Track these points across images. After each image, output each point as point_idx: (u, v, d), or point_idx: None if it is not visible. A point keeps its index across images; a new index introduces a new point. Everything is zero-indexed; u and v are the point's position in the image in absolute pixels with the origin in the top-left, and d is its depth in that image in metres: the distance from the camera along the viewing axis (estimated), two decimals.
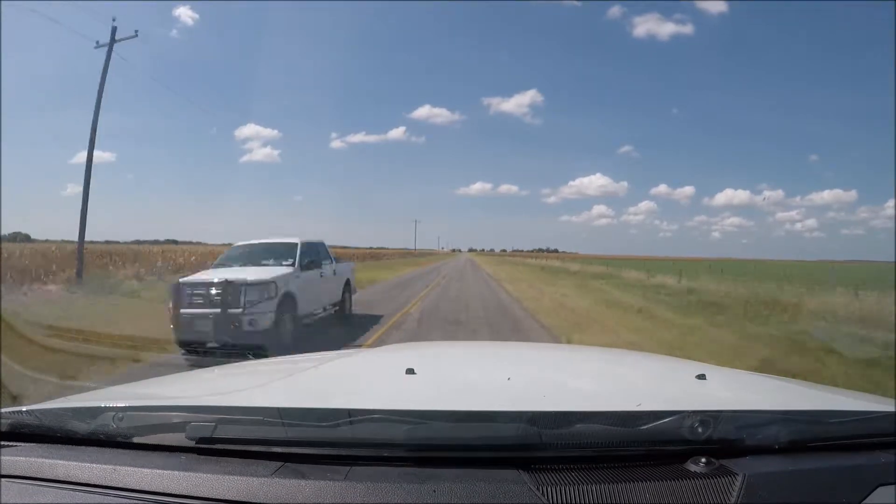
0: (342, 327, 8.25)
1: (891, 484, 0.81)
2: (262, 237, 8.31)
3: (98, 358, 5.18)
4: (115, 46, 14.32)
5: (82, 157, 14.40)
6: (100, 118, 14.39)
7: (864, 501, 0.78)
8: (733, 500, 0.76)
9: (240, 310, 6.00)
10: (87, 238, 14.66)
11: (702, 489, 0.77)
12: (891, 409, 1.03)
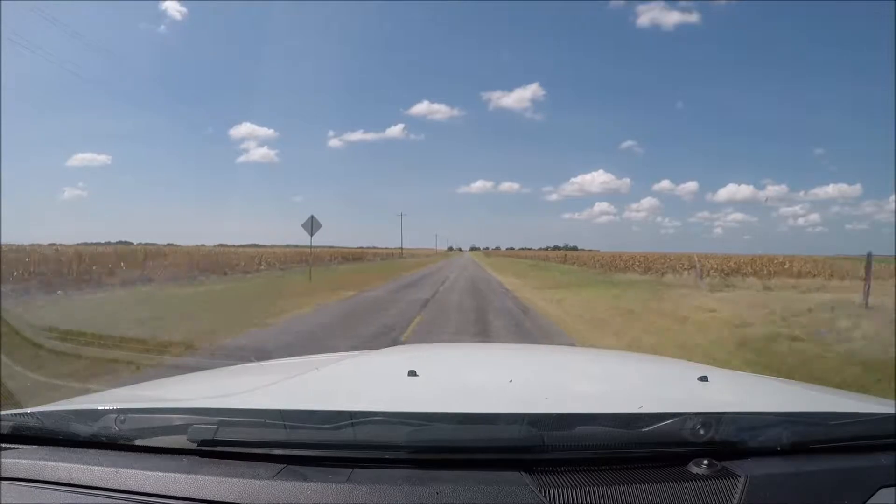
0: None
1: (892, 486, 0.81)
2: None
3: None
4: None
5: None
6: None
7: (866, 503, 0.78)
8: (735, 501, 0.76)
9: None
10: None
11: (704, 491, 0.77)
12: (892, 410, 1.02)
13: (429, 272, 29.17)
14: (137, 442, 0.93)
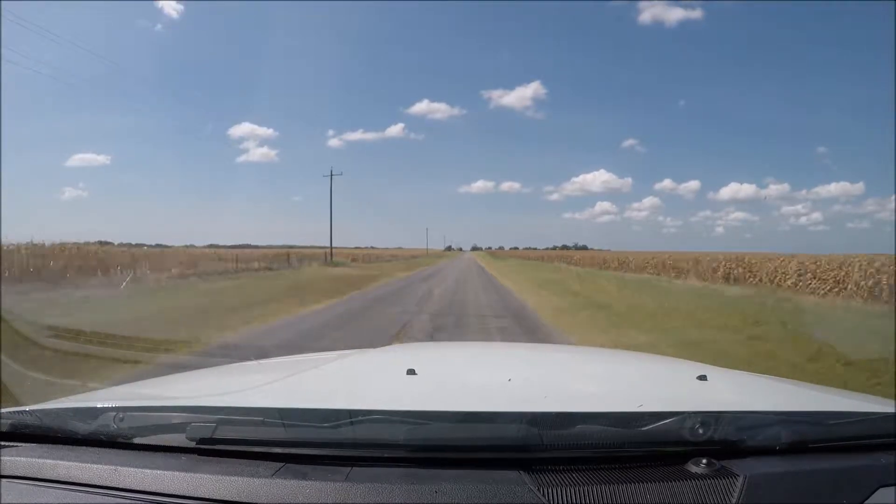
0: None
1: (891, 485, 0.81)
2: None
3: None
4: None
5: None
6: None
7: (865, 503, 0.78)
8: (734, 501, 0.76)
9: None
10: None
11: (703, 490, 0.78)
12: (891, 410, 1.02)
13: None
14: (136, 440, 0.93)
